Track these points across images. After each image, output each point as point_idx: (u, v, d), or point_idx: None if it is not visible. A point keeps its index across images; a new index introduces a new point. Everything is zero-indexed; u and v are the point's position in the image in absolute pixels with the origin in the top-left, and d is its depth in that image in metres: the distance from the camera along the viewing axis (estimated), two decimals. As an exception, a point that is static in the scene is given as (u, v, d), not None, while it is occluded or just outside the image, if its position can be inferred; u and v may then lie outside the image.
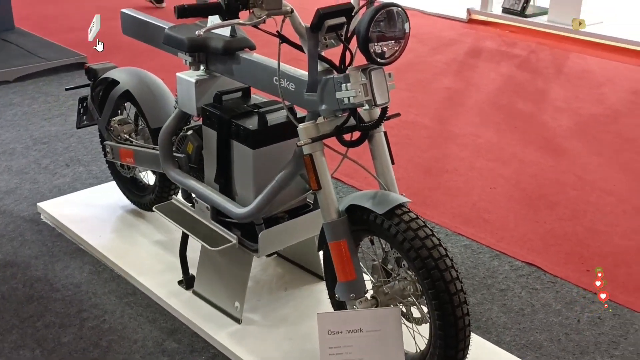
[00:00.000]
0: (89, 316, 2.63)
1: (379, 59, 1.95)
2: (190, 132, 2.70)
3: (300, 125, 2.07)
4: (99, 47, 3.01)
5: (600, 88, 5.18)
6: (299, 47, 2.09)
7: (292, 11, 2.00)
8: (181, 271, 2.73)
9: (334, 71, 2.08)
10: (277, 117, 2.39)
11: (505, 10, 6.62)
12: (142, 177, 3.24)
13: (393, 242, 2.04)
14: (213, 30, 2.45)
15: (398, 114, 2.20)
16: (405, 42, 1.99)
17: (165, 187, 3.00)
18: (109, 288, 2.78)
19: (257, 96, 2.57)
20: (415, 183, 3.70)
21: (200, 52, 2.47)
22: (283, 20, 2.04)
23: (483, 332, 2.58)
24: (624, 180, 3.77)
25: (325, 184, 2.09)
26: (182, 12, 1.91)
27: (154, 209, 2.70)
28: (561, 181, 3.75)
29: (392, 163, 2.21)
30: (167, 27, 2.59)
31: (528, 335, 2.57)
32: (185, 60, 2.52)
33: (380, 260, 2.22)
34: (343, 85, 1.97)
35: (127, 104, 3.13)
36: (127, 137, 3.06)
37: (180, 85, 2.54)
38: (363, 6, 2.05)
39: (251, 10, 1.94)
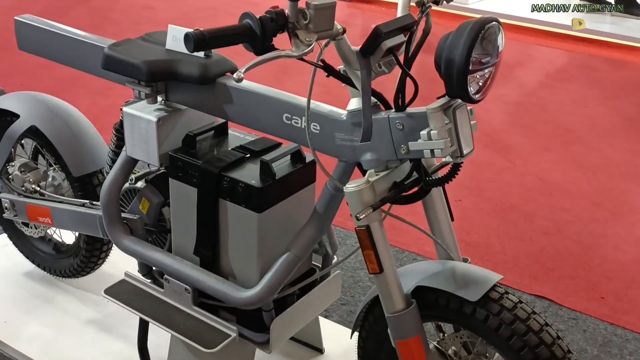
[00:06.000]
0: None
1: (476, 95, 1.40)
2: (140, 183, 2.01)
3: (350, 187, 1.48)
4: None
5: (514, 71, 4.92)
6: (347, 80, 1.49)
7: (344, 32, 1.40)
8: (139, 367, 2.05)
9: (381, 106, 1.52)
10: (281, 165, 1.77)
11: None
12: (51, 233, 2.47)
13: (493, 337, 1.51)
14: (174, 49, 1.80)
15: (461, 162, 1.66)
16: (498, 65, 1.47)
17: (94, 250, 2.28)
18: (39, 402, 2.04)
19: (236, 131, 1.93)
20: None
21: (162, 80, 1.79)
22: (326, 44, 1.44)
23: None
24: (584, 178, 3.49)
25: (388, 266, 1.52)
26: (200, 43, 1.24)
27: (103, 294, 1.97)
28: (525, 186, 3.39)
29: (452, 220, 1.69)
30: (105, 45, 1.85)
31: (579, 396, 2.18)
32: (139, 92, 1.80)
33: (437, 342, 1.70)
34: (423, 132, 1.40)
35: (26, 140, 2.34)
36: (35, 187, 2.28)
37: (132, 124, 1.83)
38: (419, 20, 1.48)
39: (293, 35, 1.32)
